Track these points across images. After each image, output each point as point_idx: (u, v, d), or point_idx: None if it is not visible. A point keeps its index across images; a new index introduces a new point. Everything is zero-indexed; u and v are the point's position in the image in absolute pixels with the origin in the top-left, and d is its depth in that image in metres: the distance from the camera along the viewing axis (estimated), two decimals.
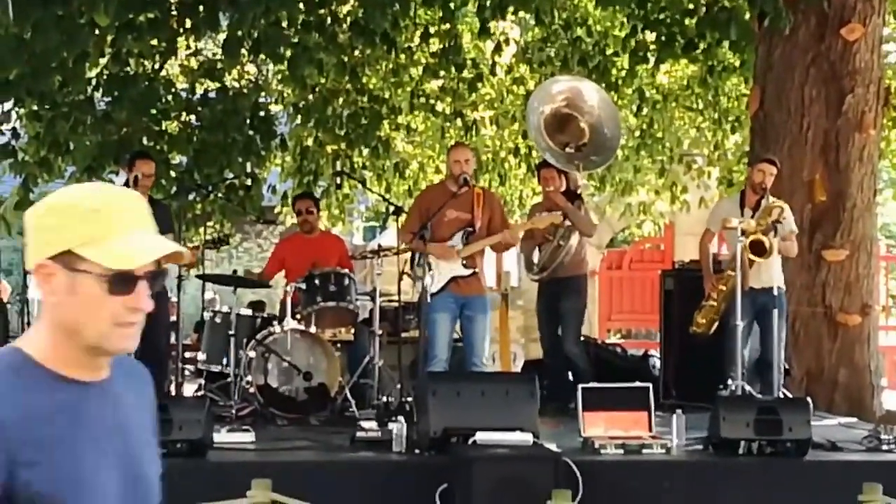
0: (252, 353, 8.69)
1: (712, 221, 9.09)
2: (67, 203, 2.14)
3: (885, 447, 7.49)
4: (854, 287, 9.90)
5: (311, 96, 12.99)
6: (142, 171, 8.74)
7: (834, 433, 7.98)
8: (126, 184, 8.79)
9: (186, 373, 10.04)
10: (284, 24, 10.79)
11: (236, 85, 13.07)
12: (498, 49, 13.01)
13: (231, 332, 9.07)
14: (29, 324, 11.04)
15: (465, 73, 13.12)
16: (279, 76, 13.02)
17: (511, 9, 11.38)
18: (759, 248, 8.47)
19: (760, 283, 8.62)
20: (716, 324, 8.80)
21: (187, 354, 10.81)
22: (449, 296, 8.47)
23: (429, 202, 8.70)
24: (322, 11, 11.14)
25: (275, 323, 9.00)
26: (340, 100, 13.14)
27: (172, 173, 12.19)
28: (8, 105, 11.50)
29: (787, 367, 9.18)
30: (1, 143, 11.56)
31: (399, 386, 8.94)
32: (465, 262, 8.50)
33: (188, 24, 11.01)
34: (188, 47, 12.91)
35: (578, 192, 9.39)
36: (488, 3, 11.09)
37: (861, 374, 9.90)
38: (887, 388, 11.53)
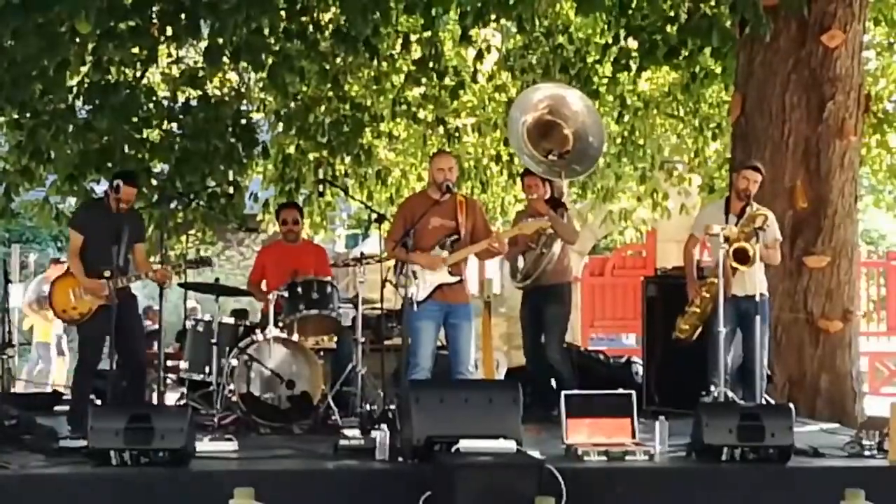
0: (234, 362, 8.68)
1: (697, 227, 9.09)
2: None
3: (867, 453, 7.50)
4: (835, 293, 9.92)
5: (292, 104, 12.96)
6: (124, 196, 8.64)
7: (816, 439, 7.99)
8: (107, 195, 8.78)
9: (168, 382, 9.99)
10: (266, 31, 10.78)
11: (218, 93, 13.02)
12: (479, 56, 13.00)
13: (213, 341, 9.07)
14: (10, 332, 11.04)
15: (447, 81, 13.08)
16: (261, 84, 12.98)
17: (493, 16, 11.41)
18: (742, 256, 8.48)
19: (743, 289, 8.62)
20: (699, 330, 8.81)
21: (169, 363, 10.77)
22: (434, 304, 8.45)
23: (412, 211, 8.67)
24: (303, 19, 11.14)
25: (257, 331, 8.97)
26: (322, 107, 13.11)
27: (154, 181, 12.15)
28: None
29: (769, 373, 9.19)
30: None
31: (382, 394, 8.94)
32: (450, 269, 8.49)
33: (169, 31, 10.98)
34: (169, 55, 12.87)
35: (562, 199, 9.39)
36: (470, 11, 11.10)
37: (843, 380, 9.92)
38: (868, 394, 11.55)
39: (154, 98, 12.34)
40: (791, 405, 7.55)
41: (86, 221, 8.71)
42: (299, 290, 9.08)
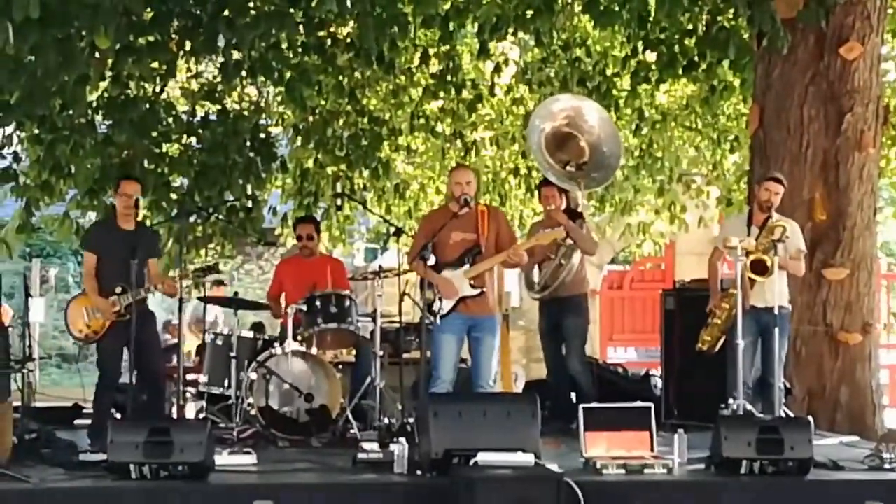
0: (253, 375, 8.70)
1: (720, 240, 9.08)
2: None
3: (887, 466, 7.47)
4: (855, 306, 9.89)
5: (311, 118, 13.00)
6: (127, 191, 8.72)
7: (836, 452, 7.97)
8: (114, 211, 8.83)
9: (187, 395, 10.02)
10: (284, 46, 10.82)
11: (236, 107, 13.05)
12: (497, 70, 13.03)
13: (232, 354, 9.09)
14: (30, 347, 11.04)
15: (465, 94, 13.14)
16: (279, 98, 13.02)
17: (510, 30, 11.41)
18: (759, 268, 8.48)
19: (763, 301, 8.61)
20: (721, 341, 8.80)
21: (188, 377, 10.79)
22: (458, 317, 8.44)
23: (433, 225, 8.66)
24: (321, 33, 11.16)
25: (276, 345, 9.01)
26: (340, 121, 13.14)
27: (173, 195, 12.19)
28: (9, 129, 11.53)
29: (788, 386, 9.17)
30: (2, 167, 11.57)
31: (401, 407, 8.95)
32: (472, 282, 8.48)
33: (188, 46, 11.03)
34: (188, 70, 12.92)
35: (579, 210, 9.39)
36: (487, 24, 11.11)
37: (862, 393, 9.89)
38: (889, 407, 11.50)
39: (173, 112, 12.38)
40: (810, 418, 7.55)
41: (97, 241, 8.76)
42: (318, 303, 9.10)
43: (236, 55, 10.61)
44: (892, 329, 17.68)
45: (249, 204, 12.60)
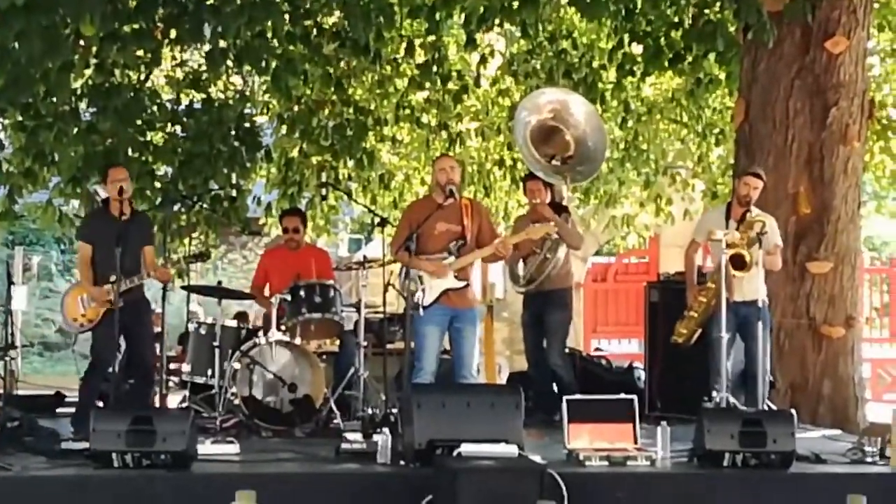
0: (237, 365, 8.69)
1: (698, 232, 9.09)
2: None
3: (869, 459, 7.51)
4: (838, 299, 9.92)
5: (296, 107, 12.97)
6: (118, 177, 8.70)
7: (818, 445, 7.99)
8: (107, 199, 8.81)
9: (171, 384, 10.02)
10: (269, 35, 10.80)
11: (221, 96, 13.01)
12: (483, 61, 13.05)
13: (216, 344, 9.09)
14: (13, 335, 11.03)
15: (451, 85, 13.12)
16: (264, 87, 13.00)
17: (497, 21, 11.40)
18: (739, 262, 8.49)
19: (742, 295, 8.64)
20: (696, 334, 8.81)
21: (172, 366, 10.79)
22: (441, 308, 8.45)
23: (417, 215, 8.65)
24: (307, 23, 11.13)
25: (260, 334, 8.98)
26: (325, 111, 13.11)
27: (157, 184, 12.16)
28: None
29: (771, 379, 9.18)
30: None
31: (384, 398, 8.95)
32: (456, 274, 8.49)
33: (173, 34, 11.00)
34: (173, 58, 12.89)
35: (564, 204, 9.40)
36: (473, 15, 11.10)
37: (845, 387, 9.92)
38: (871, 400, 11.54)
39: (157, 101, 12.35)
40: (793, 411, 7.56)
41: (91, 231, 8.76)
42: (302, 293, 9.07)
43: (222, 44, 10.59)
44: (874, 323, 17.77)
45: (234, 193, 12.59)
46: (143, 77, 12.05)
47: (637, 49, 11.63)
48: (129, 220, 8.56)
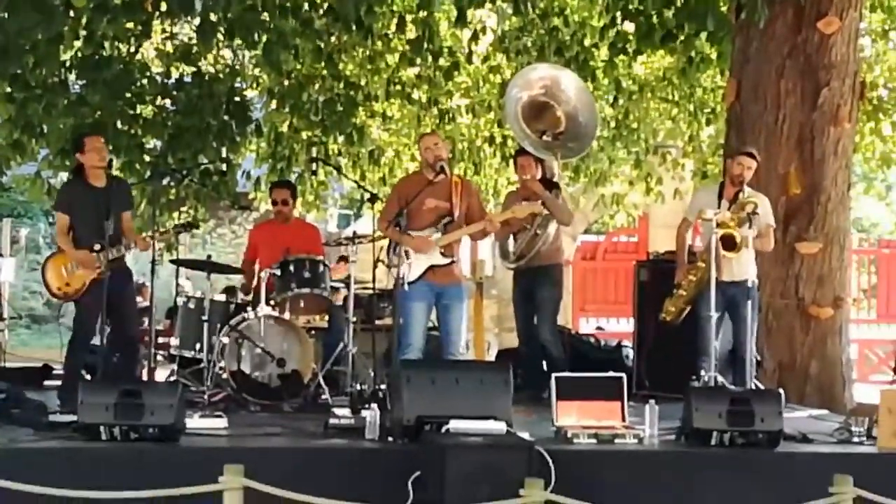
0: (225, 339, 8.69)
1: (690, 211, 9.09)
2: None
3: (855, 439, 7.54)
4: (827, 280, 9.95)
5: (286, 82, 12.95)
6: (97, 145, 8.62)
7: (805, 425, 8.03)
8: (81, 168, 8.66)
9: (159, 358, 10.01)
10: (260, 8, 10.76)
11: (212, 69, 13.00)
12: (474, 38, 13.01)
13: (204, 318, 9.05)
14: (1, 306, 11.04)
15: (441, 62, 13.09)
16: (255, 61, 12.97)
17: None
18: (729, 243, 8.48)
19: (731, 275, 8.63)
20: (685, 312, 8.82)
21: (160, 340, 10.78)
22: (425, 284, 8.46)
23: (406, 190, 8.66)
24: None
25: (248, 309, 8.98)
26: (316, 86, 13.11)
27: (147, 157, 12.15)
28: None
29: (759, 358, 9.21)
30: None
31: (373, 373, 8.97)
32: (443, 251, 8.49)
33: (163, 7, 10.96)
34: (164, 31, 12.84)
35: (555, 180, 9.39)
36: None
37: (833, 367, 9.96)
38: (858, 381, 11.57)
39: (147, 73, 12.35)
40: (781, 391, 7.56)
41: (69, 200, 8.62)
42: (291, 268, 9.05)
43: (212, 17, 10.56)
44: (862, 304, 17.82)
45: (223, 167, 12.60)
46: (132, 50, 12.01)
47: (629, 27, 11.61)
48: (107, 187, 8.51)
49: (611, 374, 7.74)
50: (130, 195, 9.30)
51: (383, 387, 7.91)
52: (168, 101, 12.42)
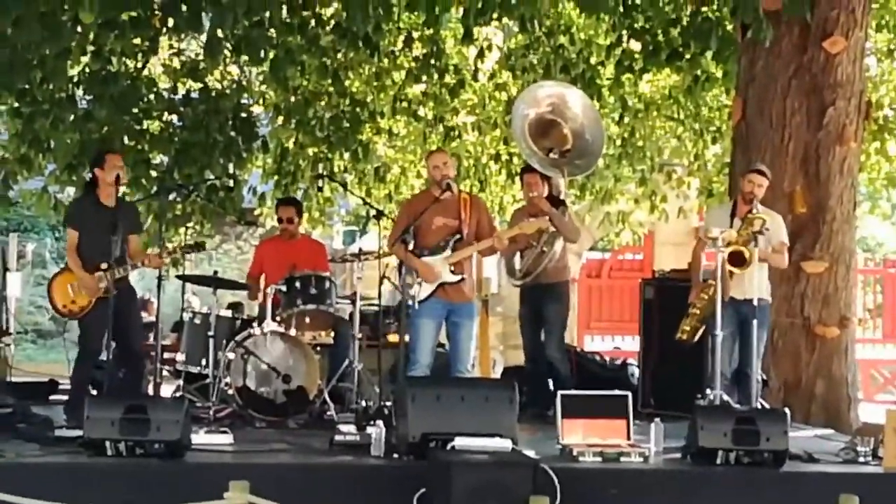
0: (231, 355, 8.68)
1: (704, 231, 9.07)
2: None
3: (861, 459, 7.52)
4: (832, 299, 9.92)
5: (292, 98, 12.98)
6: (117, 164, 8.61)
7: (811, 444, 8.00)
8: (93, 184, 8.65)
9: (165, 373, 10.00)
10: (267, 25, 10.77)
11: (218, 86, 13.02)
12: (481, 55, 13.04)
13: (210, 334, 9.07)
14: (7, 322, 11.03)
15: (448, 79, 13.12)
16: (261, 77, 12.99)
17: (495, 15, 11.39)
18: (738, 259, 8.47)
19: (742, 293, 8.60)
20: (699, 332, 8.79)
21: (166, 355, 10.77)
22: (437, 302, 8.48)
23: (415, 209, 8.67)
24: (305, 13, 11.14)
25: (254, 325, 8.98)
26: (322, 102, 13.12)
27: (153, 173, 12.17)
28: None
29: (764, 377, 9.20)
30: None
31: (378, 390, 8.95)
32: (452, 268, 8.49)
33: (171, 23, 10.98)
34: (171, 47, 12.88)
35: (562, 197, 9.39)
36: (472, 9, 11.09)
37: (838, 386, 9.92)
38: (863, 401, 11.56)
39: (154, 89, 12.37)
40: (786, 410, 7.56)
41: (79, 217, 8.61)
42: (297, 284, 9.07)
43: (219, 33, 10.57)
44: (867, 324, 17.78)
45: (230, 183, 12.60)
46: (140, 65, 12.04)
47: (635, 46, 11.65)
48: (116, 208, 8.51)
49: (616, 392, 7.75)
50: (138, 218, 9.30)
51: (389, 403, 7.89)
52: (175, 117, 12.45)
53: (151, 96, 12.27)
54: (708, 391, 8.41)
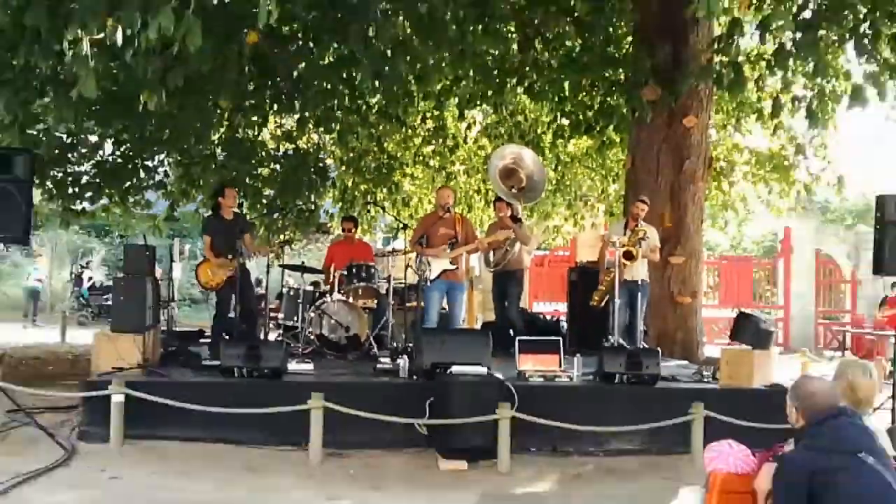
0: (312, 314, 8.68)
1: (608, 237, 9.05)
2: None
3: (705, 380, 7.56)
4: (687, 280, 9.92)
5: (351, 154, 12.99)
6: (234, 194, 8.59)
7: (674, 371, 8.04)
8: (218, 207, 8.50)
9: (271, 326, 9.98)
10: (336, 108, 10.81)
11: (305, 146, 13.03)
12: (469, 127, 13.05)
13: (300, 301, 9.08)
14: (173, 293, 11.01)
15: (448, 142, 13.14)
16: (332, 141, 12.99)
17: (477, 103, 11.44)
18: (628, 256, 8.47)
19: (632, 276, 8.61)
20: (604, 300, 8.79)
21: (272, 314, 10.75)
22: (441, 282, 8.47)
23: (426, 224, 8.71)
24: (359, 101, 11.15)
25: (327, 295, 8.98)
26: (369, 157, 13.12)
27: (264, 200, 12.18)
28: (162, 156, 11.51)
29: (645, 329, 9.19)
30: (158, 180, 11.58)
31: (404, 336, 8.93)
32: (451, 261, 8.50)
33: (275, 107, 11.03)
34: (275, 122, 12.89)
35: (519, 216, 9.38)
36: (464, 99, 11.15)
37: (691, 334, 9.93)
38: (707, 344, 11.51)
39: (265, 149, 12.37)
40: (658, 349, 7.59)
41: (211, 227, 8.52)
42: (354, 270, 9.08)
43: (307, 114, 10.61)
44: (709, 295, 17.76)
45: (311, 207, 12.61)
46: (256, 133, 12.05)
47: (565, 122, 11.63)
48: (233, 220, 8.50)
49: (552, 337, 7.76)
50: (248, 224, 9.27)
51: (411, 345, 7.89)
52: (277, 166, 12.45)
53: (263, 153, 12.28)
54: (610, 337, 8.41)
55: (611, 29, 10.76)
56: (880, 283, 15.35)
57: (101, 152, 11.02)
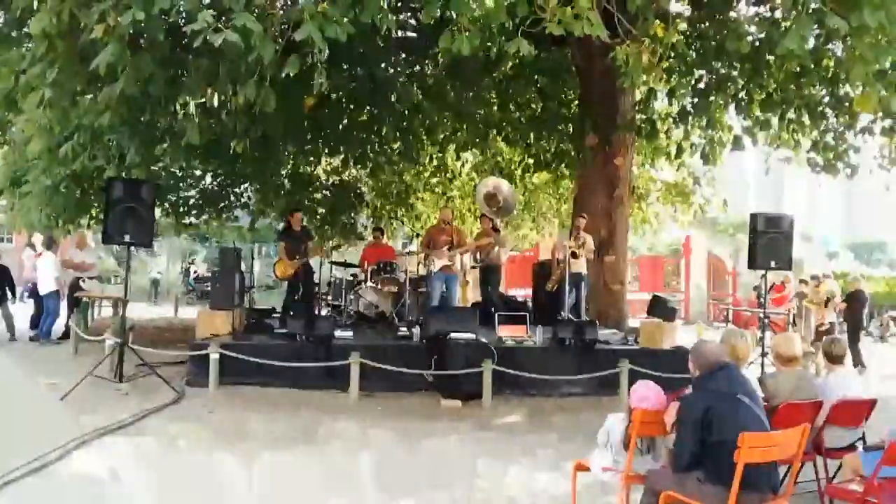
0: (352, 297, 8.65)
1: (558, 243, 9.03)
2: None
3: (630, 343, 7.52)
4: (617, 272, 9.80)
5: (379, 184, 12.97)
6: (299, 216, 8.65)
7: (607, 337, 7.99)
8: (287, 221, 8.66)
9: (323, 305, 9.94)
10: (368, 151, 10.80)
11: (347, 178, 13.03)
12: (463, 165, 13.02)
13: (343, 287, 9.03)
14: (252, 283, 11.00)
15: (448, 175, 13.10)
16: (366, 174, 12.99)
17: (469, 146, 11.42)
18: (574, 255, 8.45)
19: (577, 269, 8.57)
20: (556, 286, 8.75)
21: (323, 297, 10.70)
22: (441, 274, 8.44)
23: (432, 233, 8.69)
24: (386, 147, 11.14)
25: (362, 283, 8.94)
26: (392, 185, 13.10)
27: (318, 217, 12.17)
28: (245, 185, 11.49)
29: (586, 307, 9.15)
30: (243, 202, 11.57)
31: (417, 312, 8.89)
32: (449, 259, 8.48)
33: (326, 150, 11.01)
34: (326, 160, 12.89)
35: (498, 228, 9.36)
36: (459, 144, 11.15)
37: (620, 312, 9.85)
38: (631, 317, 11.46)
39: (318, 181, 12.35)
40: (596, 321, 7.55)
41: (284, 237, 8.60)
42: (381, 265, 9.03)
43: (349, 154, 10.59)
44: (632, 284, 17.65)
45: (351, 221, 12.59)
46: (312, 169, 12.03)
47: (530, 161, 11.60)
48: (300, 231, 8.51)
49: (522, 313, 7.73)
50: (310, 234, 9.30)
51: (421, 318, 7.87)
52: (327, 192, 12.44)
53: (317, 183, 12.26)
54: (562, 313, 8.38)
55: (563, 96, 10.76)
56: (754, 275, 15.32)
57: (203, 183, 11.05)
